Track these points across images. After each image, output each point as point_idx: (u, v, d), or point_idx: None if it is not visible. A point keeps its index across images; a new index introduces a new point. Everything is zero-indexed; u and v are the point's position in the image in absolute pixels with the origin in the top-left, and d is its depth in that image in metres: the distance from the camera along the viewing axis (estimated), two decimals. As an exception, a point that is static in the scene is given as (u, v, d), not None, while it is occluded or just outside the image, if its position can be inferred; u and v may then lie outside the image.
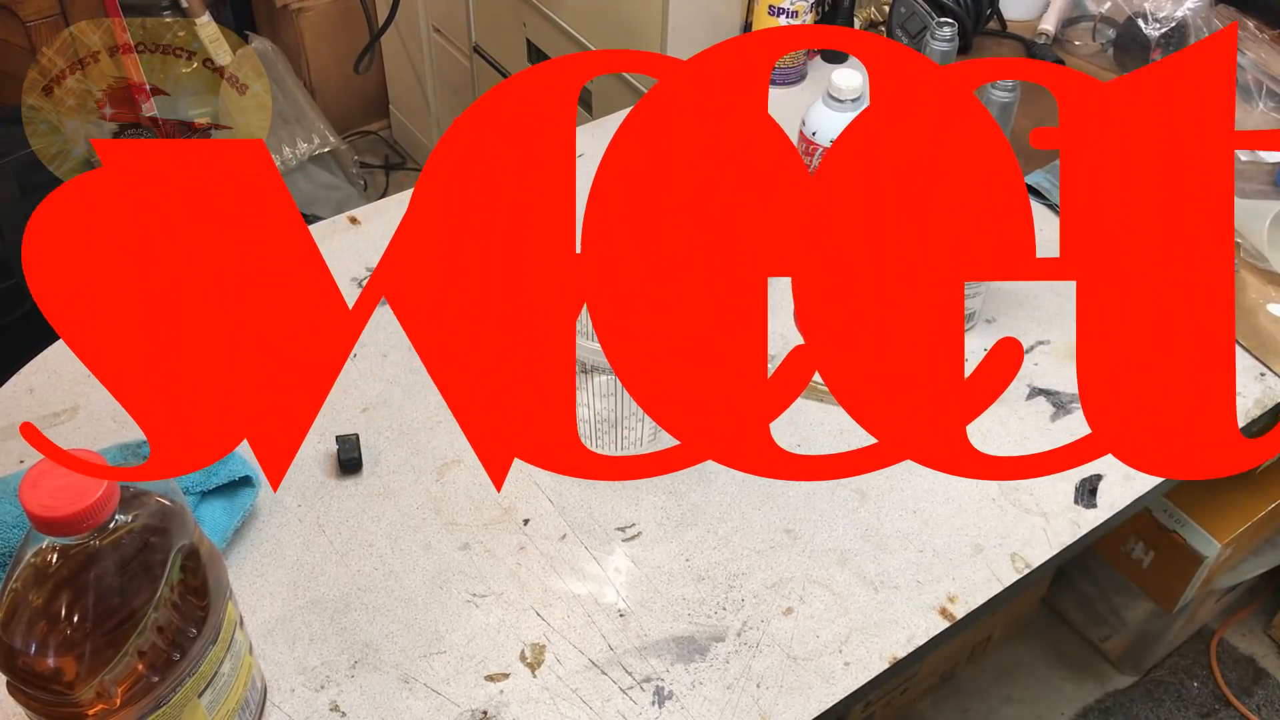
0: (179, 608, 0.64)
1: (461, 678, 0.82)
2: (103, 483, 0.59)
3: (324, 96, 2.35)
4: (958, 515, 0.94)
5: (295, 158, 2.11)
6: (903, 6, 1.45)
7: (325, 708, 0.80)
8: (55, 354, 1.03)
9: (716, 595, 0.88)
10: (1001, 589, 0.90)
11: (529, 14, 1.66)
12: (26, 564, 0.61)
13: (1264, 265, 1.20)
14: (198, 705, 0.68)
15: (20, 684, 0.62)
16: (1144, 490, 0.98)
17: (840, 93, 1.05)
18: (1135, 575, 1.63)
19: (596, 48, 1.53)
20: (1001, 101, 1.03)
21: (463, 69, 1.98)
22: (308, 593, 0.87)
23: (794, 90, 1.40)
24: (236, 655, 0.71)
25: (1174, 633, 1.71)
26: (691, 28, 1.39)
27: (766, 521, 0.93)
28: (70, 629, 0.61)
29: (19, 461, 0.93)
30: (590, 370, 0.94)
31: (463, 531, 0.91)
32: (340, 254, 1.14)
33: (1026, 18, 1.55)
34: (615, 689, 0.82)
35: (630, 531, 0.92)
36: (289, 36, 2.28)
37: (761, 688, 0.82)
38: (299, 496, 0.93)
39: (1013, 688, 1.73)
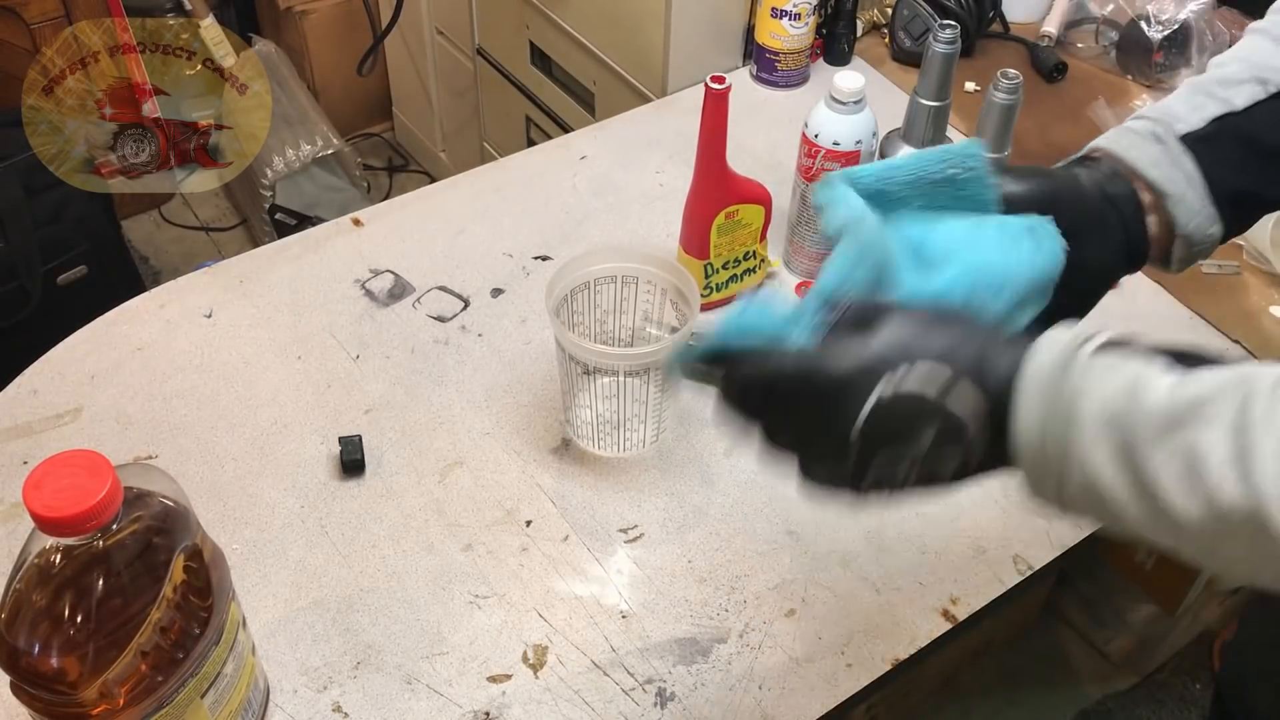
0: (182, 608, 0.65)
1: (464, 679, 0.82)
2: (106, 483, 0.59)
3: (327, 99, 2.36)
4: (960, 517, 0.94)
5: (299, 160, 2.12)
6: (905, 9, 1.45)
7: (328, 708, 0.80)
8: (59, 356, 1.03)
9: (719, 597, 0.88)
10: (1004, 590, 0.90)
11: (532, 16, 1.66)
12: (30, 564, 0.61)
13: (1266, 268, 1.20)
14: (200, 705, 0.68)
15: (24, 684, 0.62)
16: (1146, 492, 0.98)
17: (842, 95, 1.05)
18: (1138, 577, 1.63)
19: (599, 49, 1.53)
20: (1003, 104, 1.03)
21: (466, 71, 1.98)
22: (310, 593, 0.87)
23: (796, 93, 1.40)
24: (239, 656, 0.71)
25: (1176, 635, 1.71)
26: (694, 30, 1.39)
27: (769, 523, 0.93)
28: (74, 629, 0.61)
29: (22, 463, 0.94)
30: (594, 372, 0.95)
31: (465, 533, 0.91)
32: (344, 255, 1.14)
33: (1029, 20, 1.55)
34: (617, 690, 0.82)
35: (633, 533, 0.92)
36: (292, 39, 2.29)
37: (764, 689, 0.82)
38: (302, 498, 0.93)
39: (1015, 689, 1.73)
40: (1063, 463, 0.50)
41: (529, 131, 1.84)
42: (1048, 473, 0.51)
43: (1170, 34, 1.41)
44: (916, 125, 1.08)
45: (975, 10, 1.46)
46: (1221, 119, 0.68)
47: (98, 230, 1.89)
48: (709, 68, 1.34)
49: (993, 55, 1.50)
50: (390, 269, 1.13)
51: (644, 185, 1.25)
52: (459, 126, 2.18)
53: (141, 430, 0.97)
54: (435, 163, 2.37)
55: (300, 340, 1.06)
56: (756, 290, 0.58)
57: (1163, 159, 0.67)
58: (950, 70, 1.04)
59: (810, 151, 1.08)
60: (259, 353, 1.04)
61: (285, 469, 0.95)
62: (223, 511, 0.92)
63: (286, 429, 0.98)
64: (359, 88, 2.38)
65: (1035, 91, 1.42)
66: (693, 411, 1.01)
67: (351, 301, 1.10)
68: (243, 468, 0.95)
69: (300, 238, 1.17)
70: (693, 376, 0.62)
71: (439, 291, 1.11)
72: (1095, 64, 1.49)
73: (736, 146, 1.03)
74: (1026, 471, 0.53)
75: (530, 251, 1.16)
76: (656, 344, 0.93)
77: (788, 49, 1.37)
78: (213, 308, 1.08)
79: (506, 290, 1.12)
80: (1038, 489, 0.53)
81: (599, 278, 0.95)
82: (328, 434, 0.97)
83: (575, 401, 0.97)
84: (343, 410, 1.00)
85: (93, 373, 1.01)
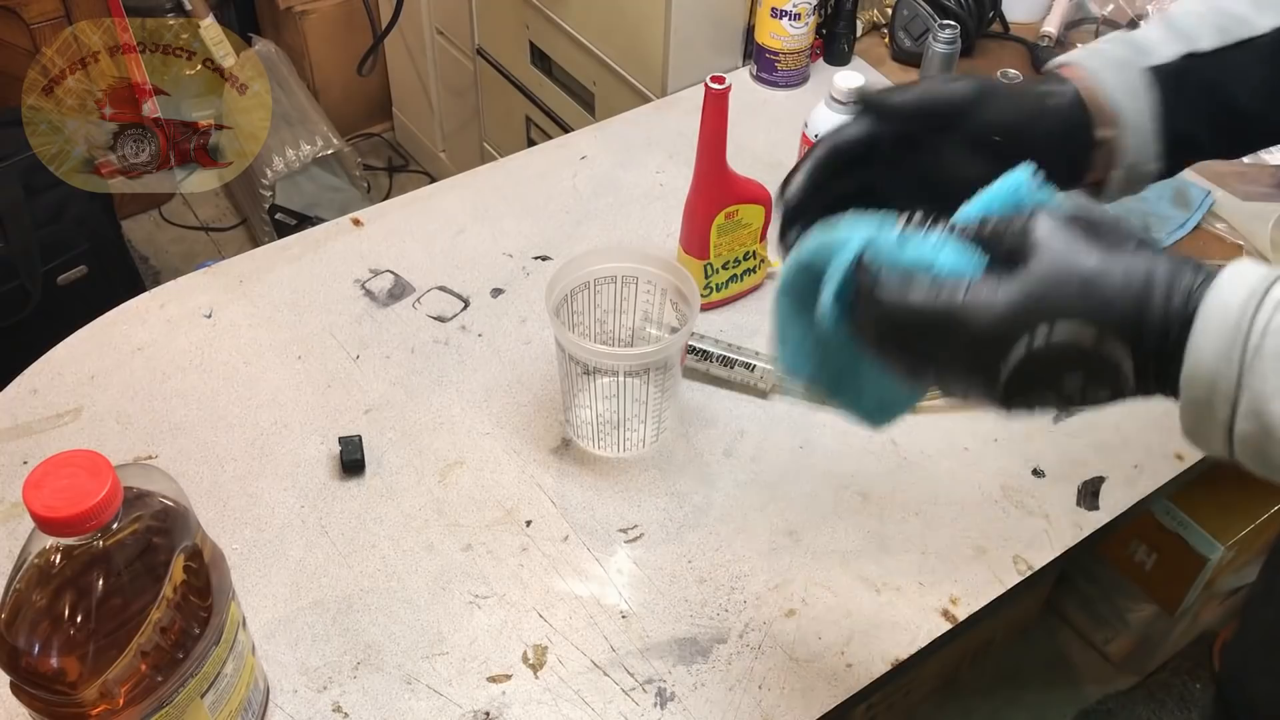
0: (182, 608, 0.65)
1: (464, 679, 0.82)
2: (106, 483, 0.59)
3: (327, 99, 2.36)
4: (960, 517, 0.94)
5: (299, 160, 2.12)
6: (905, 9, 1.45)
7: (328, 708, 0.80)
8: (59, 355, 1.03)
9: (719, 597, 0.88)
10: (1004, 591, 0.90)
11: (532, 16, 1.66)
12: (30, 564, 0.61)
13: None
14: (200, 705, 0.68)
15: (23, 684, 0.62)
16: (1147, 492, 0.98)
17: (842, 95, 1.05)
18: (1138, 577, 1.63)
19: (599, 49, 1.53)
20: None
21: (466, 71, 1.98)
22: (310, 593, 0.87)
23: (797, 92, 1.40)
24: (239, 656, 0.71)
25: (1176, 635, 1.71)
26: (694, 30, 1.39)
27: (769, 523, 0.93)
28: (74, 629, 0.61)
29: (22, 462, 0.94)
30: (593, 372, 0.95)
31: (465, 533, 0.91)
32: (344, 256, 1.14)
33: (1029, 20, 1.55)
34: (617, 690, 0.82)
35: (632, 533, 0.92)
36: (292, 39, 2.29)
37: (764, 689, 0.82)
38: (302, 498, 0.93)
39: (1015, 689, 1.73)
40: (1235, 406, 0.49)
41: (529, 131, 1.84)
42: (1214, 416, 0.50)
43: (1170, 34, 1.41)
44: (916, 125, 1.08)
45: (975, 10, 1.46)
46: (1188, 55, 0.68)
47: (98, 230, 1.89)
48: (709, 68, 1.34)
49: (993, 55, 1.50)
50: (390, 269, 1.13)
51: (644, 185, 1.25)
52: (459, 126, 2.18)
53: (141, 430, 0.97)
54: (435, 163, 2.37)
55: (300, 340, 1.06)
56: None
57: (1129, 87, 0.67)
58: (950, 70, 1.04)
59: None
60: (259, 353, 1.04)
61: (285, 469, 0.95)
62: (223, 511, 0.92)
63: (286, 429, 0.98)
64: (359, 88, 2.38)
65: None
66: (693, 411, 1.01)
67: (351, 301, 1.10)
68: (243, 468, 0.95)
69: (300, 238, 1.17)
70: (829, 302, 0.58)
71: (439, 291, 1.11)
72: (1095, 64, 1.49)
73: (736, 146, 1.04)
74: (1187, 410, 0.52)
75: (530, 251, 1.16)
76: (656, 344, 0.93)
77: (788, 49, 1.37)
78: (213, 308, 1.08)
79: (506, 290, 1.12)
80: (1198, 429, 0.52)
81: (599, 278, 0.95)
82: (328, 434, 0.97)
83: (575, 401, 0.97)
84: (343, 410, 1.00)
85: (93, 373, 1.01)
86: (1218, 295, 0.50)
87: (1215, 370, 0.49)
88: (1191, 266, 0.52)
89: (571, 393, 0.96)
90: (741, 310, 1.11)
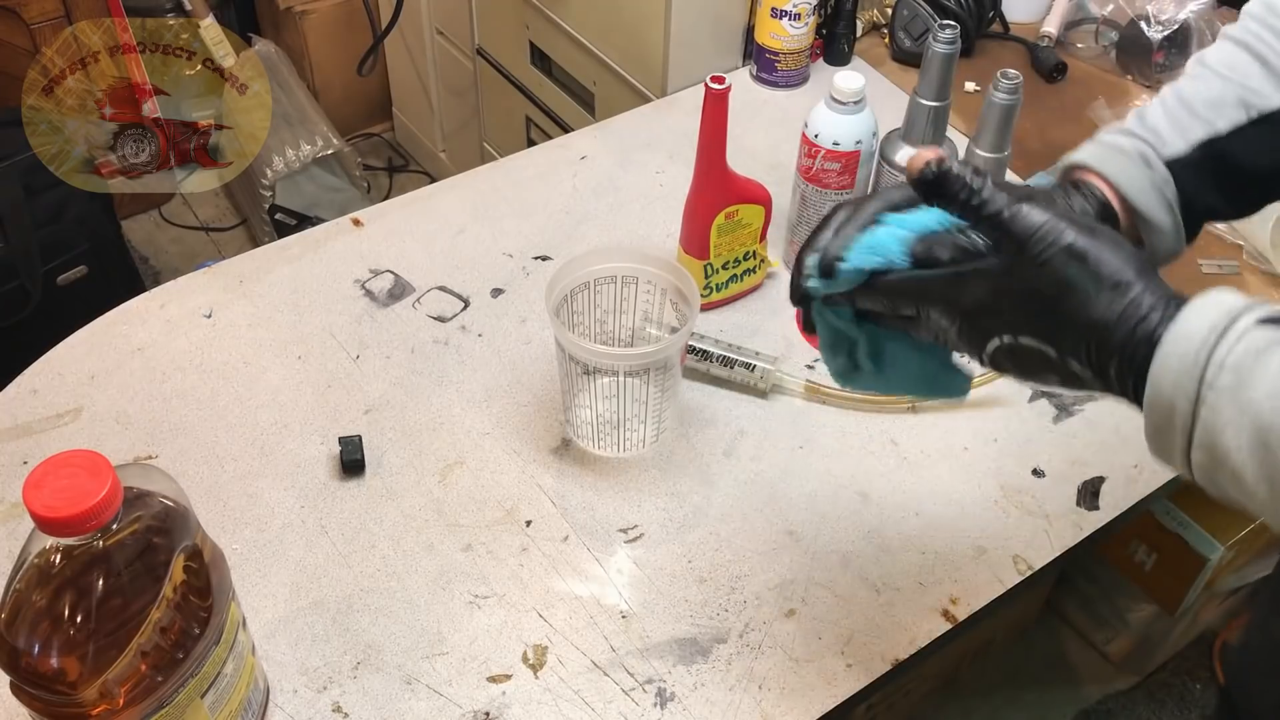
0: (182, 608, 0.65)
1: (464, 679, 0.82)
2: (106, 484, 0.59)
3: (327, 99, 2.36)
4: (960, 517, 0.94)
5: (299, 160, 2.12)
6: (905, 9, 1.45)
7: (328, 708, 0.80)
8: (59, 356, 1.03)
9: (719, 597, 0.88)
10: (1004, 591, 0.90)
11: (532, 16, 1.66)
12: (30, 564, 0.61)
13: (1266, 267, 1.20)
14: (200, 706, 0.68)
15: (24, 684, 0.62)
16: (1146, 492, 0.98)
17: (843, 95, 1.05)
18: (1138, 577, 1.63)
19: (599, 49, 1.53)
20: (1002, 104, 1.03)
21: (466, 71, 1.98)
22: (310, 594, 0.87)
23: (796, 93, 1.40)
24: (239, 656, 0.71)
25: (1176, 635, 1.71)
26: (694, 30, 1.39)
27: (769, 523, 0.93)
28: (74, 629, 0.61)
29: (22, 462, 0.94)
30: (593, 372, 0.95)
31: (465, 533, 0.91)
32: (344, 256, 1.14)
33: (1029, 20, 1.55)
34: (617, 690, 0.82)
35: (632, 533, 0.92)
36: (292, 39, 2.29)
37: (764, 689, 0.82)
38: (302, 498, 0.93)
39: (1015, 689, 1.73)
40: (1190, 436, 0.52)
41: (529, 131, 1.84)
42: (1173, 442, 0.53)
43: (1170, 34, 1.41)
44: (916, 125, 1.08)
45: (975, 10, 1.46)
46: (1207, 144, 0.69)
47: (98, 230, 1.89)
48: (709, 68, 1.34)
49: (993, 55, 1.50)
50: (390, 269, 1.13)
51: (644, 185, 1.25)
52: (459, 126, 2.18)
53: (141, 430, 0.97)
54: (435, 163, 2.37)
55: (300, 340, 1.06)
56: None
57: (1149, 185, 0.69)
58: (950, 70, 1.04)
59: (810, 151, 1.08)
60: (259, 353, 1.04)
61: (285, 469, 0.95)
62: (223, 511, 0.92)
63: (286, 429, 0.98)
64: (359, 88, 2.38)
65: (1035, 92, 1.42)
66: (693, 411, 1.01)
67: (351, 301, 1.10)
68: (243, 468, 0.95)
69: (300, 238, 1.17)
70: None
71: (439, 291, 1.11)
72: (1095, 64, 1.49)
73: (736, 146, 1.04)
74: (1149, 432, 0.54)
75: (530, 251, 1.16)
76: (656, 344, 0.93)
77: (788, 49, 1.37)
78: (213, 308, 1.08)
79: (506, 290, 1.12)
80: (1160, 451, 0.55)
81: (599, 278, 0.95)
82: (328, 434, 0.97)
83: (575, 401, 0.97)
84: (343, 410, 1.00)
85: (93, 373, 1.02)
86: (1182, 326, 0.52)
87: (1172, 400, 0.52)
88: (1162, 300, 0.54)
89: (571, 393, 0.96)
90: (741, 310, 1.11)
